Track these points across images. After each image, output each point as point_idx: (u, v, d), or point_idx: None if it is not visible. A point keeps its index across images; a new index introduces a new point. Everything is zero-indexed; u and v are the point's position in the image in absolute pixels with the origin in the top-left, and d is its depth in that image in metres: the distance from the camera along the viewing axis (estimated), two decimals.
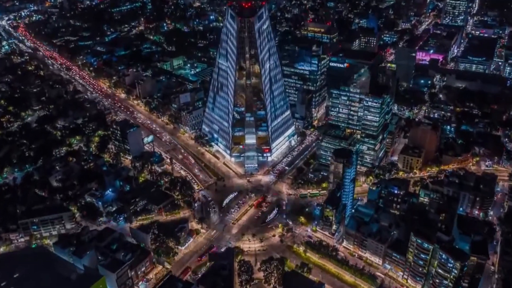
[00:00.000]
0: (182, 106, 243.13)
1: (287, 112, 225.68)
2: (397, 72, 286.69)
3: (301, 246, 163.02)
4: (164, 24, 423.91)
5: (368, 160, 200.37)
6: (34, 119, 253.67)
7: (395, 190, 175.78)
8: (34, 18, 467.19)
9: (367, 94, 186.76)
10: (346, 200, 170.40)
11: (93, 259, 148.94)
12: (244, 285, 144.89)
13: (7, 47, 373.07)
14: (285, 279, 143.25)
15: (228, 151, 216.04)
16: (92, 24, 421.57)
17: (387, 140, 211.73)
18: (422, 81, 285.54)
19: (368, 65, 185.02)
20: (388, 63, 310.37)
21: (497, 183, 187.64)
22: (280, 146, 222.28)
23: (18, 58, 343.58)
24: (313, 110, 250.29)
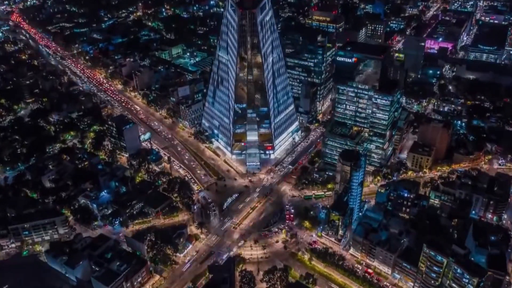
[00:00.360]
0: (180, 99, 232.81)
1: (291, 107, 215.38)
2: (405, 62, 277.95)
3: (305, 254, 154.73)
4: (163, 9, 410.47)
5: (376, 159, 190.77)
6: (27, 112, 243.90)
7: (404, 193, 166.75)
8: (29, 3, 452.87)
9: (376, 91, 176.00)
10: (353, 204, 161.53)
11: (86, 270, 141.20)
12: None
13: (0, 34, 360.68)
14: None
15: (229, 148, 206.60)
16: (89, 10, 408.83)
17: (395, 137, 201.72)
18: (431, 72, 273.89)
19: (379, 61, 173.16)
20: (396, 53, 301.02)
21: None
22: (283, 143, 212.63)
23: (11, 46, 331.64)
24: (318, 104, 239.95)
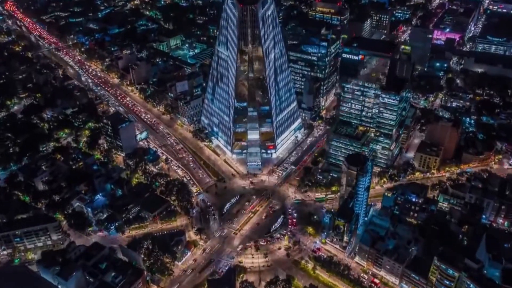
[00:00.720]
0: (179, 95, 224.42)
1: (294, 103, 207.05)
2: (411, 54, 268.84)
3: (309, 263, 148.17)
4: None
5: (382, 160, 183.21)
6: (20, 108, 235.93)
7: (412, 198, 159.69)
8: None
9: (383, 90, 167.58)
10: (359, 210, 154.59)
11: (80, 281, 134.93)
12: None
13: None
14: None
15: (229, 147, 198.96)
16: None
17: (402, 135, 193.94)
18: (438, 64, 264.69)
19: (387, 59, 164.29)
20: (402, 45, 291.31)
21: None
22: (285, 141, 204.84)
23: (5, 37, 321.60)
24: (321, 99, 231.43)
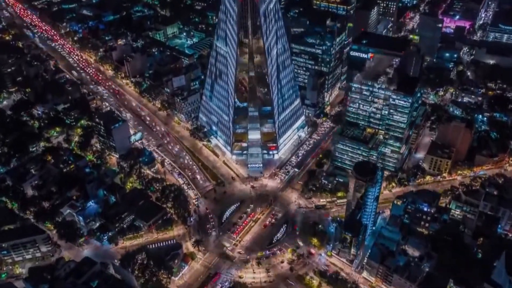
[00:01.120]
0: (175, 90, 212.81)
1: (297, 101, 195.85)
2: (420, 44, 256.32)
3: (314, 279, 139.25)
4: None
5: (390, 163, 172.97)
6: (9, 103, 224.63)
7: (424, 207, 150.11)
8: None
9: (394, 91, 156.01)
10: (367, 221, 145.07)
11: None
12: None
13: None
14: None
15: (229, 148, 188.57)
16: None
17: (412, 136, 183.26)
18: (447, 55, 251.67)
19: (399, 58, 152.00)
20: (410, 34, 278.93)
21: None
22: (288, 141, 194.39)
23: None
24: (326, 94, 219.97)
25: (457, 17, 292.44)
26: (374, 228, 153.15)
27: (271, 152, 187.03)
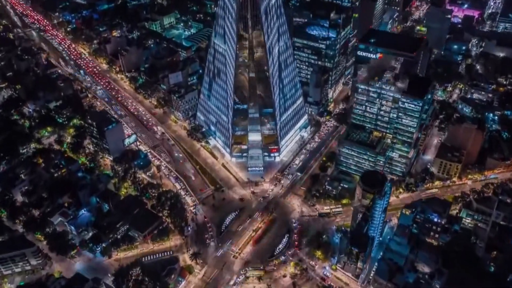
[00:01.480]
0: (172, 87, 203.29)
1: (299, 100, 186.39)
2: (427, 35, 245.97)
3: None
4: None
5: (398, 168, 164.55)
6: None
7: (434, 218, 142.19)
8: None
9: (404, 93, 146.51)
10: (374, 233, 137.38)
11: None
12: None
13: None
14: None
15: (228, 149, 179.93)
16: None
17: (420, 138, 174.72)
18: (456, 47, 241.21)
19: (411, 60, 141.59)
20: (416, 26, 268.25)
21: None
22: (290, 142, 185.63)
23: None
24: (329, 91, 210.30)
25: (465, 6, 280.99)
26: (381, 238, 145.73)
27: (272, 155, 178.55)
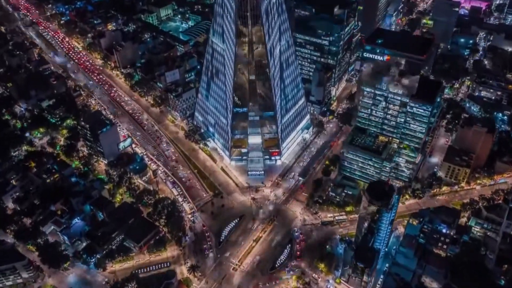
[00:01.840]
0: (169, 85, 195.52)
1: (301, 100, 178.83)
2: (434, 29, 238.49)
3: None
4: None
5: (404, 174, 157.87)
6: None
7: (443, 229, 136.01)
8: None
9: (413, 98, 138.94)
10: (380, 245, 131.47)
11: None
12: None
13: None
14: None
15: (227, 152, 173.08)
16: None
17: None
18: (463, 40, 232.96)
19: (420, 62, 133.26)
20: (423, 20, 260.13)
21: None
22: (291, 144, 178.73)
23: None
24: (332, 88, 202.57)
25: None
26: (386, 249, 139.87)
27: (273, 158, 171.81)
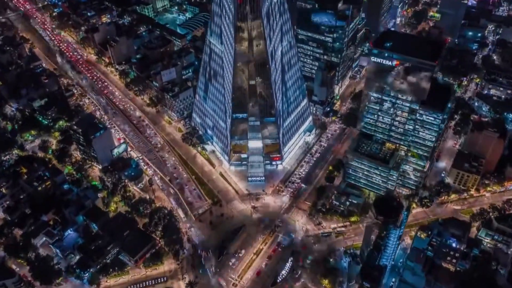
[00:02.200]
0: (165, 84, 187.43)
1: (304, 102, 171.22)
2: (441, 23, 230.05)
3: None
4: None
5: (411, 181, 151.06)
6: None
7: (452, 243, 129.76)
8: None
9: (422, 105, 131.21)
10: (387, 261, 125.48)
11: None
12: None
13: None
14: None
15: (226, 157, 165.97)
16: None
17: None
18: (471, 34, 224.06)
19: (431, 69, 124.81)
20: (430, 12, 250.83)
21: None
22: (293, 148, 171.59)
23: None
24: (335, 87, 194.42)
25: None
26: (393, 262, 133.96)
27: (274, 163, 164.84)
